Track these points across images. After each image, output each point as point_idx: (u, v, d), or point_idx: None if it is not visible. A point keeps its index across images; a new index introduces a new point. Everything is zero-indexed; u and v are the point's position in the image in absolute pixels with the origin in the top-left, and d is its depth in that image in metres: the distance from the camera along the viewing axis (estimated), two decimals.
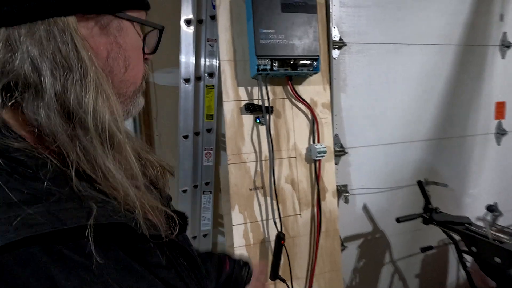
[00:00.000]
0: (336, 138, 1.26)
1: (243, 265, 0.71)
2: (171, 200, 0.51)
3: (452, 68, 1.44)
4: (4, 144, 0.31)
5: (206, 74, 1.20)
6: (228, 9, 1.04)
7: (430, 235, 1.44)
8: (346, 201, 1.28)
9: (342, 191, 1.28)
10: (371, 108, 1.31)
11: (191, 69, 1.17)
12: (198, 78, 1.20)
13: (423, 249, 1.22)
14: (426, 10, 1.34)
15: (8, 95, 0.33)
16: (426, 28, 1.36)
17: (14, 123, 0.34)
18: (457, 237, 1.14)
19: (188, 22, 1.14)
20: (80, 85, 0.34)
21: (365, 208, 1.36)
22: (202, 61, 1.19)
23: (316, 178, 1.13)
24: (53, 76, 0.33)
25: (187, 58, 1.16)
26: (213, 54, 1.19)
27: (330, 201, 1.17)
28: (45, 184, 0.31)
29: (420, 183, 1.21)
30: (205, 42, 1.17)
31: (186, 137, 1.21)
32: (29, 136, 0.34)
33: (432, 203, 1.18)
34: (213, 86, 1.21)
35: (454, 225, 1.09)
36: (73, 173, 0.32)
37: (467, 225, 1.08)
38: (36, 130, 0.33)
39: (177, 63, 1.20)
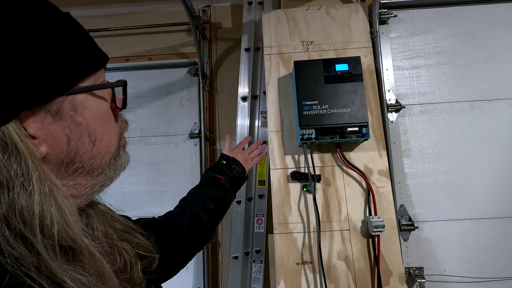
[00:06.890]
0: (402, 209, 1.10)
1: (232, 162, 0.86)
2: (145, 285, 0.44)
3: None
4: None
5: None
6: (276, 85, 1.14)
7: None
8: None
9: (416, 276, 1.06)
10: (447, 174, 1.12)
11: None
12: None
13: None
14: (506, 62, 1.16)
15: None
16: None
17: None
18: None
19: (243, 98, 1.29)
20: (25, 197, 0.29)
21: None
22: (256, 130, 1.29)
23: (376, 257, 0.98)
24: None
25: (242, 129, 1.28)
26: (266, 124, 1.28)
27: None
28: None
29: None
30: (259, 114, 1.28)
31: (239, 202, 1.26)
32: None
33: None
34: (266, 153, 1.27)
35: None
36: None
37: None
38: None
39: None
